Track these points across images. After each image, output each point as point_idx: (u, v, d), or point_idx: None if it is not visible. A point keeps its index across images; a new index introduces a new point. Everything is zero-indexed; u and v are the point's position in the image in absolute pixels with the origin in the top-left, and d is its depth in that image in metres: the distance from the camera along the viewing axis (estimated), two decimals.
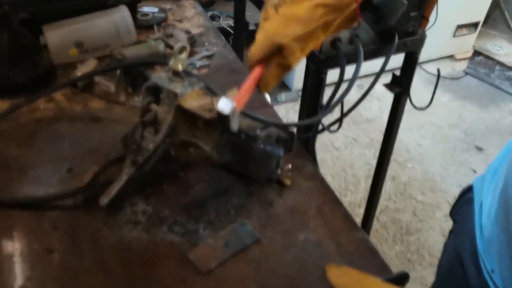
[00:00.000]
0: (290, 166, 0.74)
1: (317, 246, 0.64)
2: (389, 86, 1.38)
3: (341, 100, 1.03)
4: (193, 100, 0.66)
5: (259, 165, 0.68)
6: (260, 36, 0.60)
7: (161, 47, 0.98)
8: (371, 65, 1.23)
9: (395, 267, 1.00)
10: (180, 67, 0.67)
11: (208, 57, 1.02)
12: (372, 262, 0.63)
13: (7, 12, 0.81)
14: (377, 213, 1.79)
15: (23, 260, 0.59)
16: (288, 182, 0.73)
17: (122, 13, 0.97)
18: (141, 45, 0.97)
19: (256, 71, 0.60)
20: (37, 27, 0.91)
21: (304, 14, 0.59)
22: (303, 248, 0.63)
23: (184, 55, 0.67)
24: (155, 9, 1.17)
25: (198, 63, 1.00)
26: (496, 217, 0.66)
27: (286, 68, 0.61)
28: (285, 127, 0.71)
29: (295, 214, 0.68)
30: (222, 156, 0.67)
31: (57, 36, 0.92)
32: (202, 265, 0.59)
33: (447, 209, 2.09)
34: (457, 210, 0.83)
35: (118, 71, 0.89)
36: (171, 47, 1.01)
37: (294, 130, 0.74)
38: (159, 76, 0.68)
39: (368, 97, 1.24)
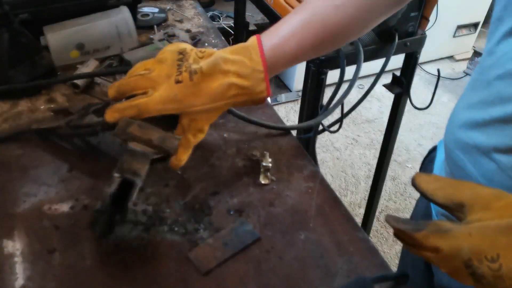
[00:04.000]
0: (270, 164, 0.74)
1: (317, 246, 0.64)
2: (389, 87, 1.38)
3: (341, 102, 1.03)
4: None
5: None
6: (168, 95, 0.61)
7: None
8: (371, 66, 1.23)
9: (395, 267, 1.00)
10: None
11: None
12: (372, 262, 0.63)
13: (7, 12, 0.81)
14: (377, 213, 1.79)
15: (24, 260, 0.59)
16: (266, 181, 0.73)
17: (123, 15, 0.98)
18: (147, 47, 0.97)
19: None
20: (37, 27, 0.91)
21: (217, 89, 0.61)
22: (303, 248, 0.64)
23: None
24: (155, 10, 1.17)
25: None
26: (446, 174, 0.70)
27: (188, 142, 0.64)
28: None
29: (295, 214, 0.68)
30: None
31: (59, 38, 0.92)
32: (202, 265, 0.59)
33: None
34: (423, 169, 0.86)
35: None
36: None
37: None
38: None
39: (368, 97, 1.24)
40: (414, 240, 0.49)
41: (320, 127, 1.19)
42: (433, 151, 0.83)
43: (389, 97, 1.37)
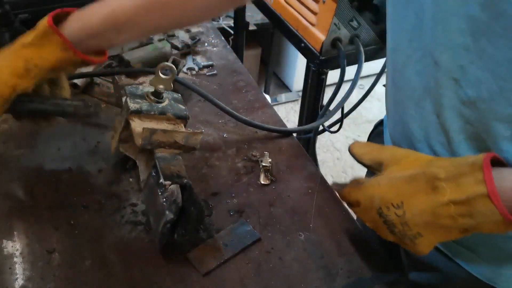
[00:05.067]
0: (270, 164, 0.74)
1: (317, 247, 0.64)
2: None
3: (341, 105, 1.03)
4: (151, 122, 0.65)
5: (155, 218, 0.61)
6: None
7: (167, 48, 0.98)
8: (372, 66, 1.23)
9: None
10: (160, 87, 0.66)
11: (209, 66, 1.02)
12: (373, 262, 0.63)
13: (8, 12, 0.81)
14: None
15: (23, 260, 0.59)
16: (266, 181, 0.73)
17: None
18: (147, 47, 0.97)
19: None
20: None
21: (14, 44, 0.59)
22: (303, 249, 0.64)
23: (169, 76, 0.66)
24: None
25: (202, 63, 1.00)
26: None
27: None
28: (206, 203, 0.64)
29: (295, 214, 0.68)
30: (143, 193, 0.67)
31: None
32: (202, 266, 0.59)
33: None
34: (370, 141, 0.88)
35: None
36: (177, 48, 1.01)
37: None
38: (136, 87, 0.68)
39: (368, 97, 1.24)
40: (342, 196, 0.59)
41: (321, 127, 1.19)
42: (379, 125, 0.84)
43: None
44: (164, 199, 0.57)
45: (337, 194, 0.60)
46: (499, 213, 0.43)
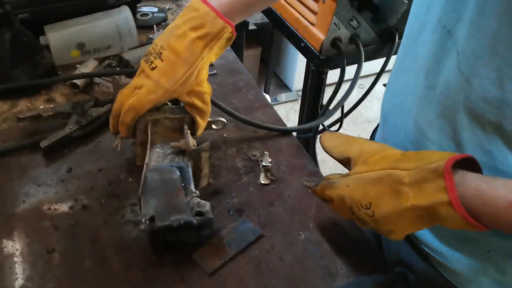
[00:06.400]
0: (270, 164, 0.74)
1: (318, 246, 0.64)
2: None
3: (341, 104, 1.03)
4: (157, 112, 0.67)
5: (160, 206, 0.60)
6: (152, 83, 0.63)
7: None
8: (372, 65, 1.23)
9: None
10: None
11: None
12: (373, 262, 0.63)
13: (8, 11, 0.81)
14: None
15: (23, 260, 0.59)
16: (266, 181, 0.73)
17: (124, 14, 0.97)
18: (147, 46, 0.97)
19: None
20: (37, 27, 0.91)
21: (185, 52, 0.62)
22: (304, 248, 0.64)
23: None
24: (155, 9, 1.17)
25: None
26: None
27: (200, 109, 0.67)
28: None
29: (295, 213, 0.68)
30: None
31: (59, 37, 0.92)
32: (207, 266, 0.59)
33: None
34: (371, 137, 0.88)
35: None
36: None
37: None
38: None
39: (368, 97, 1.24)
40: (316, 193, 0.60)
41: (320, 127, 1.19)
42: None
43: None
44: (187, 202, 0.58)
45: (309, 189, 0.61)
46: (461, 218, 0.44)
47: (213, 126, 0.75)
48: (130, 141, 0.74)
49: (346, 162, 0.58)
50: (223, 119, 0.75)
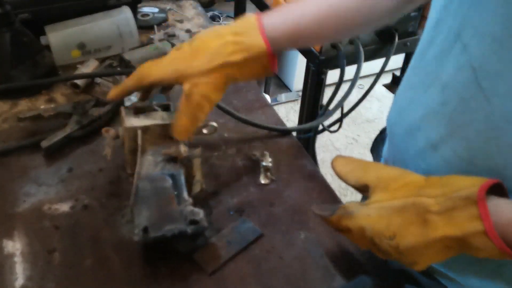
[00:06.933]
0: (270, 164, 0.74)
1: (318, 246, 0.64)
2: (389, 87, 1.38)
3: (341, 104, 1.03)
4: (149, 118, 0.66)
5: (152, 214, 0.59)
6: (167, 60, 0.62)
7: (168, 48, 0.98)
8: (371, 65, 1.23)
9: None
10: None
11: None
12: (372, 262, 0.63)
13: (9, 11, 0.81)
14: None
15: (24, 260, 0.59)
16: (266, 181, 0.73)
17: (125, 15, 0.98)
18: (147, 47, 0.97)
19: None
20: (38, 27, 0.91)
21: (213, 48, 0.60)
22: (304, 248, 0.64)
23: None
24: (155, 10, 1.17)
25: None
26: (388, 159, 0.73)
27: (192, 104, 0.60)
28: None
29: (295, 213, 0.68)
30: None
31: (60, 37, 0.92)
32: (208, 265, 0.59)
33: None
34: (374, 148, 0.88)
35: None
36: None
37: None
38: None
39: (368, 97, 1.24)
40: (331, 223, 0.56)
41: (320, 127, 1.19)
42: (384, 131, 0.83)
43: (389, 97, 1.37)
44: (180, 210, 0.57)
45: (321, 218, 0.57)
46: (497, 248, 0.42)
47: (204, 131, 0.72)
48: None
49: (362, 189, 0.55)
50: (215, 124, 0.72)
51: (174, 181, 0.61)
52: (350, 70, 1.09)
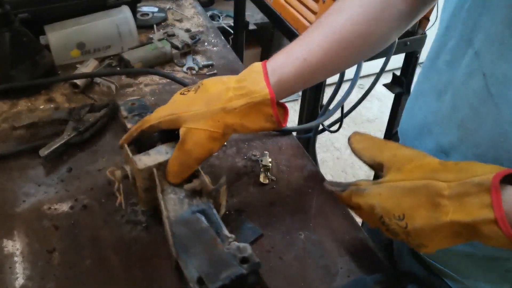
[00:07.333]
0: (270, 164, 0.74)
1: (317, 246, 0.64)
2: (389, 86, 1.38)
3: (341, 104, 1.03)
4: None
5: (203, 262, 0.54)
6: (168, 104, 0.60)
7: (167, 48, 0.98)
8: (371, 65, 1.23)
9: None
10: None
11: (209, 66, 1.02)
12: (373, 262, 0.63)
13: (8, 11, 0.81)
14: None
15: (24, 260, 0.59)
16: (266, 181, 0.73)
17: (124, 14, 0.98)
18: (147, 46, 0.97)
19: None
20: (37, 27, 0.91)
21: (213, 94, 0.58)
22: (303, 248, 0.64)
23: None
24: (155, 9, 1.17)
25: (202, 63, 1.00)
26: None
27: (184, 151, 0.57)
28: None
29: (295, 213, 0.68)
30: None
31: (59, 37, 0.92)
32: None
33: None
34: None
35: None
36: (177, 48, 1.01)
37: None
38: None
39: (368, 97, 1.24)
40: (342, 199, 0.56)
41: (320, 127, 1.19)
42: (395, 134, 0.84)
43: (390, 96, 1.37)
44: (227, 250, 0.53)
45: (333, 194, 0.57)
46: (506, 238, 0.41)
47: None
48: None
49: (377, 167, 0.55)
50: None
51: (207, 217, 0.57)
52: (350, 70, 1.09)
